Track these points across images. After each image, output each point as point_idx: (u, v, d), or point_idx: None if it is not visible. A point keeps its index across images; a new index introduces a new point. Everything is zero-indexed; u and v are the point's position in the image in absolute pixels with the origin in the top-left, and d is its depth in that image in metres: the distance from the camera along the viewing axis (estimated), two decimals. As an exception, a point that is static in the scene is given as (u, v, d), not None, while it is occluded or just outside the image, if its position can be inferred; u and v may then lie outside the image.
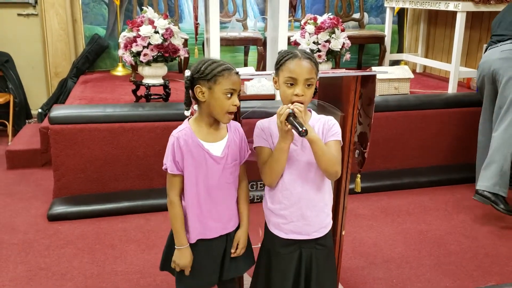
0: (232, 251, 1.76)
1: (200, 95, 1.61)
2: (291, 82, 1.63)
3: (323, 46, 3.66)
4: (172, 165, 1.64)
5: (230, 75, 1.59)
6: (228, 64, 1.62)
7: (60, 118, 3.10)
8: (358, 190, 2.24)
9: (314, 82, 1.65)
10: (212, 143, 1.66)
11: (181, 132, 1.64)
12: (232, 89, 1.60)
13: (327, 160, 1.62)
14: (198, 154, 1.64)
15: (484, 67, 3.26)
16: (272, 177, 1.69)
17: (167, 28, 3.30)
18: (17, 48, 4.72)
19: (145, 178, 3.26)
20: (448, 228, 3.03)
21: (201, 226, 1.69)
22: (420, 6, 4.42)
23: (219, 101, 1.59)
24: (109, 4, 4.81)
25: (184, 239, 1.68)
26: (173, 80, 4.35)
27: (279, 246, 1.75)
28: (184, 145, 1.62)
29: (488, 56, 3.26)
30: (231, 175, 1.71)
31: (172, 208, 1.68)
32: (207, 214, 1.68)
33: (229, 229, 1.75)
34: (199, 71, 1.60)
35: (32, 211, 3.13)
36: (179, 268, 1.70)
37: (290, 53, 1.66)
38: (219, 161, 1.66)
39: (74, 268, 2.51)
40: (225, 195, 1.71)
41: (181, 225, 1.68)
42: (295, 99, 1.62)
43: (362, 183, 2.22)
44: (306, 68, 1.62)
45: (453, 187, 3.60)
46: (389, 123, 3.61)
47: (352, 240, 2.84)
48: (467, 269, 2.58)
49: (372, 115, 2.07)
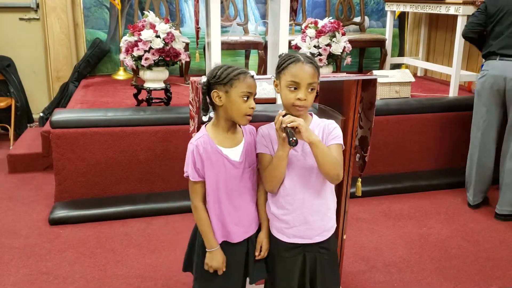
0: (256, 253, 1.78)
1: (217, 99, 1.63)
2: (294, 86, 1.63)
3: (324, 50, 3.67)
4: (193, 172, 1.66)
5: (246, 78, 1.62)
6: (243, 68, 1.65)
7: (62, 122, 3.10)
8: (359, 194, 2.24)
9: (316, 87, 1.66)
10: (230, 148, 1.68)
11: (200, 140, 1.66)
12: (248, 92, 1.62)
13: (328, 163, 1.62)
14: (217, 160, 1.66)
15: (498, 81, 3.12)
16: (273, 183, 1.69)
17: (168, 32, 3.31)
18: (19, 52, 4.74)
19: (147, 182, 3.26)
20: (449, 232, 3.02)
21: (224, 230, 1.72)
22: (421, 9, 4.43)
23: (236, 105, 1.61)
24: (110, 9, 4.83)
25: (214, 241, 1.70)
26: (174, 84, 4.36)
27: (283, 250, 1.76)
28: (204, 152, 1.65)
29: (503, 69, 3.10)
30: (249, 180, 1.73)
31: (197, 213, 1.71)
32: (229, 219, 1.71)
33: (250, 232, 1.78)
34: (215, 76, 1.62)
35: (33, 215, 3.13)
36: (213, 270, 1.72)
37: (293, 57, 1.65)
38: (238, 166, 1.69)
39: (75, 272, 2.51)
40: (245, 199, 1.74)
41: (208, 228, 1.70)
42: (297, 103, 1.62)
43: (363, 187, 2.22)
44: (309, 72, 1.62)
45: (454, 191, 3.59)
46: (390, 126, 3.61)
47: (353, 244, 2.83)
48: (469, 273, 2.58)
49: (373, 118, 2.07)
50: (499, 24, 3.14)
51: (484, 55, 3.29)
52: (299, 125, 1.55)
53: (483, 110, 3.25)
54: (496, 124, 3.25)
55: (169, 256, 2.67)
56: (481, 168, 3.29)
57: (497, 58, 3.16)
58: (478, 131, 3.29)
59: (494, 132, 3.26)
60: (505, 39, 3.12)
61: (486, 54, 3.26)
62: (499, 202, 3.19)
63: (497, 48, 3.15)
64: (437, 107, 3.76)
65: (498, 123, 3.25)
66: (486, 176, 3.30)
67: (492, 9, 3.16)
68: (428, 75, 5.27)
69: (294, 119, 1.55)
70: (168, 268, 2.55)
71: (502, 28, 3.13)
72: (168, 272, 2.51)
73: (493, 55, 3.18)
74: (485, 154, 3.28)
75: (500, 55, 3.14)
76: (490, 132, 3.25)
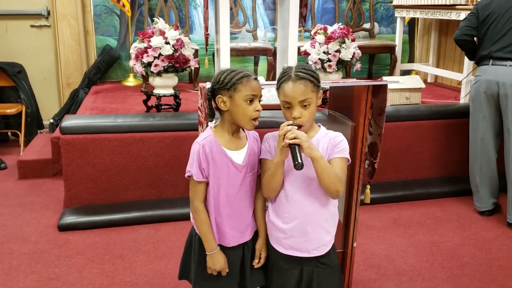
0: (255, 261, 1.77)
1: (222, 104, 1.63)
2: (287, 106, 1.62)
3: (333, 56, 3.66)
4: (198, 172, 1.64)
5: (249, 82, 1.60)
6: (246, 71, 1.63)
7: (71, 128, 3.11)
8: (367, 201, 2.22)
9: (313, 101, 1.61)
10: (234, 151, 1.68)
11: (206, 140, 1.65)
12: (252, 95, 1.60)
13: (328, 179, 1.58)
14: (222, 162, 1.65)
15: (491, 86, 3.09)
16: (270, 189, 1.68)
17: (178, 38, 3.32)
18: (30, 59, 4.78)
19: (155, 188, 3.26)
20: (460, 239, 2.98)
21: (220, 233, 1.71)
22: (431, 15, 4.40)
23: (241, 108, 1.60)
24: (120, 16, 4.86)
25: (214, 244, 1.69)
26: (184, 90, 4.37)
27: (280, 259, 1.74)
28: (209, 153, 1.63)
29: (496, 74, 3.07)
30: (249, 184, 1.72)
31: (198, 215, 1.69)
32: (226, 222, 1.70)
33: (246, 237, 1.76)
34: (218, 82, 1.62)
35: (42, 221, 3.13)
36: (216, 273, 1.70)
37: (285, 74, 1.63)
38: (241, 169, 1.68)
39: (83, 278, 2.50)
40: (243, 204, 1.72)
41: (209, 230, 1.69)
42: (293, 121, 1.61)
43: (373, 194, 2.20)
44: (299, 91, 1.59)
45: (465, 198, 3.54)
46: (400, 133, 3.58)
47: (363, 252, 2.80)
48: (481, 282, 2.53)
49: (383, 125, 2.05)
50: (490, 29, 3.11)
51: (477, 60, 3.26)
52: (301, 141, 1.52)
53: (480, 116, 3.23)
54: (494, 129, 3.21)
55: (178, 262, 2.60)
56: (483, 173, 3.26)
57: (490, 63, 3.13)
58: (477, 137, 3.27)
59: (493, 137, 3.22)
60: (497, 43, 3.09)
61: (479, 59, 3.23)
62: (509, 211, 3.15)
63: (488, 52, 3.12)
64: (447, 114, 3.73)
65: (495, 128, 3.21)
66: (490, 182, 3.26)
67: (483, 14, 3.14)
68: (439, 81, 5.24)
69: (297, 135, 1.53)
70: (176, 275, 2.50)
71: (493, 33, 3.11)
72: (176, 279, 2.48)
73: (486, 60, 3.16)
74: (486, 160, 3.25)
75: (492, 60, 3.11)
76: (488, 137, 3.22)
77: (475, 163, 3.31)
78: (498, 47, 3.08)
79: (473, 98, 3.26)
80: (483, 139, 3.23)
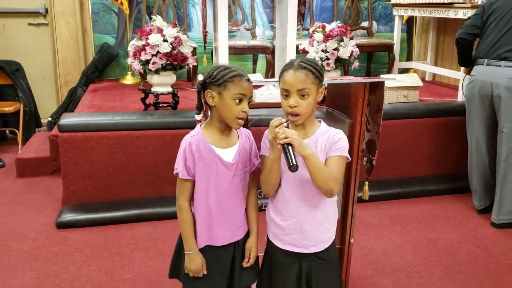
0: (245, 260, 1.75)
1: (210, 99, 1.62)
2: (286, 94, 1.61)
3: (331, 54, 3.66)
4: (183, 169, 1.64)
5: (241, 82, 1.59)
6: (240, 70, 1.62)
7: (69, 126, 3.12)
8: (366, 198, 2.23)
9: (312, 92, 1.59)
10: (224, 149, 1.66)
11: (193, 137, 1.64)
12: (241, 95, 1.59)
13: (320, 178, 1.56)
14: (210, 160, 1.64)
15: (485, 87, 3.09)
16: (267, 186, 1.68)
17: (176, 36, 3.32)
18: (28, 57, 4.78)
19: (154, 186, 3.26)
20: (458, 236, 3.00)
21: (209, 232, 1.69)
22: (429, 14, 4.41)
23: (229, 107, 1.59)
24: (118, 14, 4.86)
25: (193, 244, 1.68)
26: (182, 88, 4.37)
27: (279, 255, 1.74)
28: (196, 151, 1.63)
29: (491, 74, 3.06)
30: (240, 182, 1.70)
31: (181, 213, 1.68)
32: (215, 220, 1.68)
33: (237, 237, 1.74)
34: (211, 76, 1.61)
35: (41, 218, 3.14)
36: (192, 274, 1.69)
37: (288, 64, 1.63)
38: (230, 167, 1.66)
39: (82, 275, 2.51)
40: (234, 202, 1.71)
41: (190, 229, 1.68)
42: (289, 110, 1.60)
43: (371, 191, 2.21)
44: (299, 79, 1.58)
45: (463, 196, 3.56)
46: (398, 131, 3.59)
47: (360, 248, 2.81)
48: (478, 279, 2.55)
49: (380, 122, 2.06)
50: (490, 28, 3.11)
51: (474, 58, 3.26)
52: (291, 140, 1.50)
53: (475, 116, 3.23)
54: (488, 129, 3.21)
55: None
56: (479, 172, 3.28)
57: (485, 63, 3.12)
58: (472, 137, 3.28)
59: (487, 137, 3.22)
60: (494, 43, 3.08)
61: (474, 59, 3.23)
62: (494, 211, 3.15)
63: (485, 51, 3.12)
64: (445, 112, 3.74)
65: (490, 128, 3.21)
66: (486, 180, 3.27)
67: (487, 12, 3.14)
68: (437, 80, 5.25)
69: (287, 135, 1.50)
70: (174, 272, 2.54)
71: (492, 32, 3.10)
72: (174, 276, 2.51)
73: (481, 60, 3.15)
74: (481, 160, 3.26)
75: (487, 60, 3.11)
76: (483, 136, 3.23)
77: (472, 163, 3.32)
78: (495, 47, 3.08)
79: (468, 98, 3.27)
80: (478, 139, 3.25)
